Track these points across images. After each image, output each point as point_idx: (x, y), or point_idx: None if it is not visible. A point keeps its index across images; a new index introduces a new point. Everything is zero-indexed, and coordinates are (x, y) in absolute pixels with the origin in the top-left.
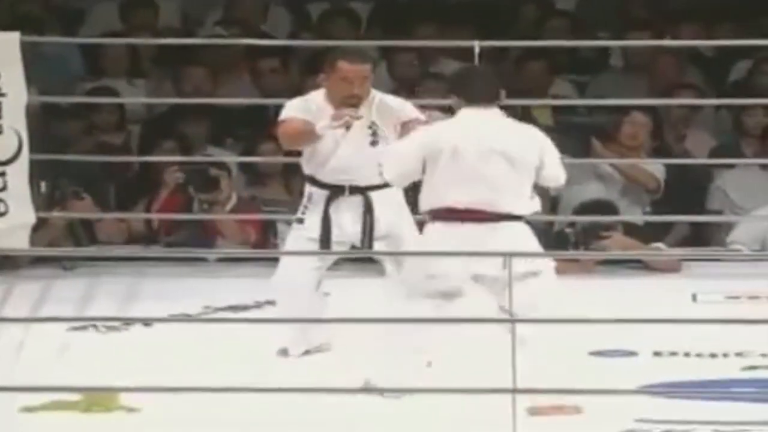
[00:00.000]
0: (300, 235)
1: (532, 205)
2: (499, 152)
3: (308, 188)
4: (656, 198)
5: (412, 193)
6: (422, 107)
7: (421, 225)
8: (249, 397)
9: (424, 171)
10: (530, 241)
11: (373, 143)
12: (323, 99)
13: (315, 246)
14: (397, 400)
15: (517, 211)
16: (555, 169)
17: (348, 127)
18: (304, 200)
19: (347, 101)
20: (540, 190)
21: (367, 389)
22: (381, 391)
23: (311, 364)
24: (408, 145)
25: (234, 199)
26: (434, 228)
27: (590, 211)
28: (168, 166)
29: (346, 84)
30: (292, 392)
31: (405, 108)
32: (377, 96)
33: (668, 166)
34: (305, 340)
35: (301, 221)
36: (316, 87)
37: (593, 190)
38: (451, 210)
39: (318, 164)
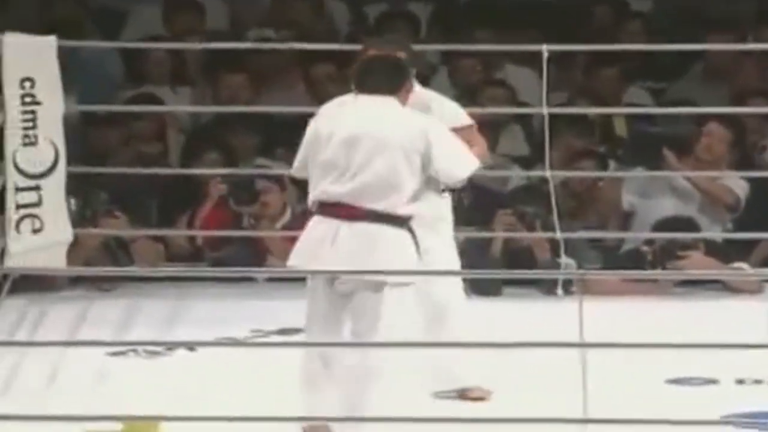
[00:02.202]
0: None
1: (411, 207)
2: (374, 139)
3: None
4: (736, 215)
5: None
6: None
7: None
8: (299, 426)
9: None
10: (400, 249)
11: None
12: None
13: None
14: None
15: (387, 208)
16: (445, 163)
17: None
18: None
19: None
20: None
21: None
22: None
23: None
24: (305, 135)
25: (288, 215)
26: (312, 220)
27: (668, 229)
28: (212, 178)
29: None
30: (344, 421)
31: (447, 115)
32: (425, 97)
33: (751, 181)
34: None
35: None
36: None
37: (669, 206)
38: (323, 203)
39: None
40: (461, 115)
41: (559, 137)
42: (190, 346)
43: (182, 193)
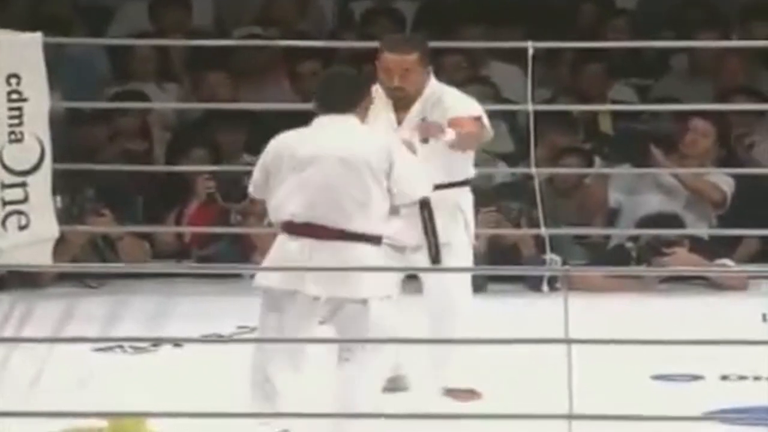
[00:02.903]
0: None
1: (384, 226)
2: (339, 160)
3: None
4: (722, 212)
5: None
6: None
7: None
8: (284, 423)
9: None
10: (377, 265)
11: (425, 140)
12: (380, 91)
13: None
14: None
15: (359, 228)
16: (403, 184)
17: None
18: None
19: (391, 93)
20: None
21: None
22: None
23: None
24: (262, 155)
25: None
26: (278, 240)
27: (653, 225)
28: (199, 175)
29: (388, 75)
30: (335, 418)
31: (457, 106)
32: (439, 91)
33: (737, 177)
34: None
35: None
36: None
37: (655, 202)
38: (291, 224)
39: None
40: (471, 107)
41: (544, 134)
42: (177, 342)
43: (168, 190)
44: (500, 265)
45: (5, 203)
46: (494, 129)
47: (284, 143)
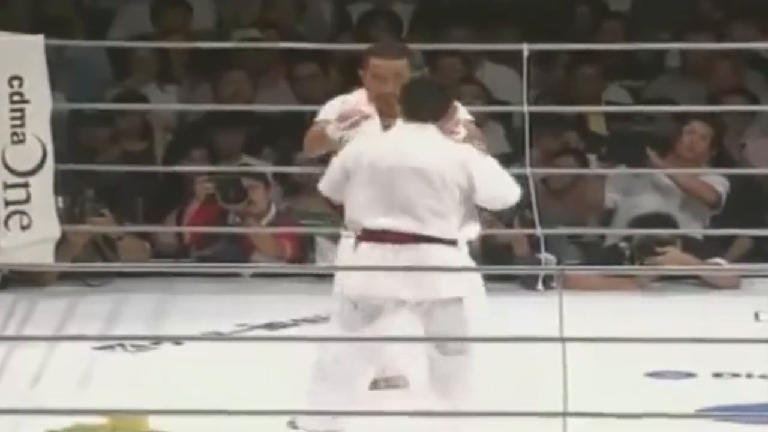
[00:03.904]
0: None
1: (466, 231)
2: (412, 171)
3: None
4: (717, 212)
5: None
6: None
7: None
8: (284, 420)
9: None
10: (459, 264)
11: None
12: (365, 97)
13: None
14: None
15: (438, 234)
16: (490, 192)
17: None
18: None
19: (381, 99)
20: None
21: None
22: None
23: None
24: (338, 158)
25: (273, 212)
26: (360, 248)
27: (647, 225)
28: (199, 176)
29: (379, 81)
30: (332, 415)
31: (462, 108)
32: None
33: (729, 178)
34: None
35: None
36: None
37: (650, 203)
38: (369, 231)
39: None
40: (465, 111)
41: (538, 135)
42: (177, 340)
43: (168, 191)
44: (494, 264)
45: (8, 203)
46: (490, 131)
47: (366, 150)
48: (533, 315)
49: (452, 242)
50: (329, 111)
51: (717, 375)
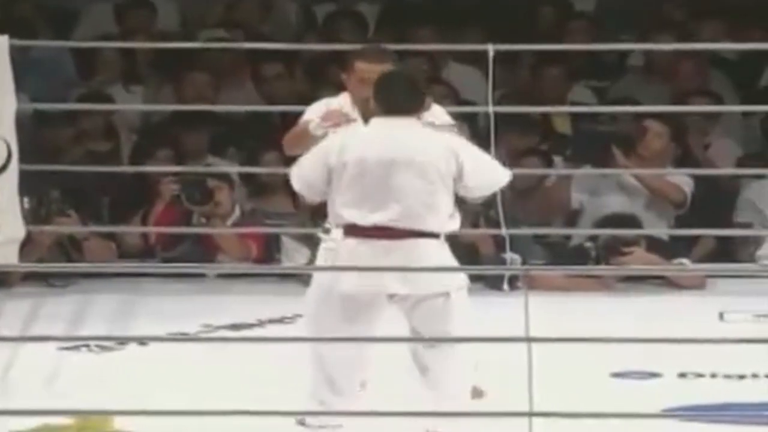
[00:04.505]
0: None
1: (451, 224)
2: (405, 163)
3: None
4: (683, 212)
5: None
6: None
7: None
8: (249, 421)
9: (329, 183)
10: (445, 259)
11: None
12: (349, 101)
13: None
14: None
15: (429, 228)
16: (480, 178)
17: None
18: None
19: (366, 104)
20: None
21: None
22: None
23: None
24: (312, 155)
25: (237, 213)
26: (345, 244)
27: (612, 225)
28: (164, 177)
29: (364, 85)
30: (295, 415)
31: (434, 112)
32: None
33: (693, 178)
34: None
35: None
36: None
37: (616, 203)
38: (356, 227)
39: None
40: (447, 116)
41: (503, 135)
42: (142, 340)
43: (134, 191)
44: (459, 264)
45: None
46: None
47: (351, 145)
48: (499, 315)
49: (440, 236)
50: (313, 114)
51: (682, 375)
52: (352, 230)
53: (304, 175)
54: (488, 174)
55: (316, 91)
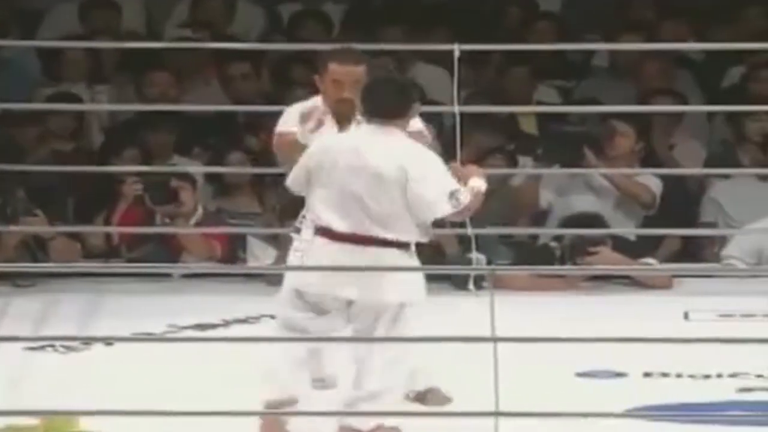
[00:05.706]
0: None
1: (420, 233)
2: (371, 174)
3: None
4: (651, 212)
5: None
6: None
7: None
8: (215, 421)
9: (309, 184)
10: (411, 271)
11: None
12: (322, 104)
13: None
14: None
15: (392, 237)
16: (414, 201)
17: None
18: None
19: (339, 105)
20: None
21: (343, 412)
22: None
23: None
24: (301, 158)
25: (200, 212)
26: (315, 241)
27: (578, 225)
28: (128, 177)
29: (337, 87)
30: (261, 415)
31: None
32: None
33: (661, 178)
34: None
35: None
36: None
37: (585, 203)
38: (329, 230)
39: None
40: (419, 121)
41: (469, 135)
42: (108, 341)
43: (99, 191)
44: (423, 264)
45: None
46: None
47: (326, 150)
48: (464, 315)
49: (405, 245)
50: (289, 119)
51: (647, 375)
52: (324, 231)
53: (295, 171)
54: (425, 201)
55: (281, 91)
